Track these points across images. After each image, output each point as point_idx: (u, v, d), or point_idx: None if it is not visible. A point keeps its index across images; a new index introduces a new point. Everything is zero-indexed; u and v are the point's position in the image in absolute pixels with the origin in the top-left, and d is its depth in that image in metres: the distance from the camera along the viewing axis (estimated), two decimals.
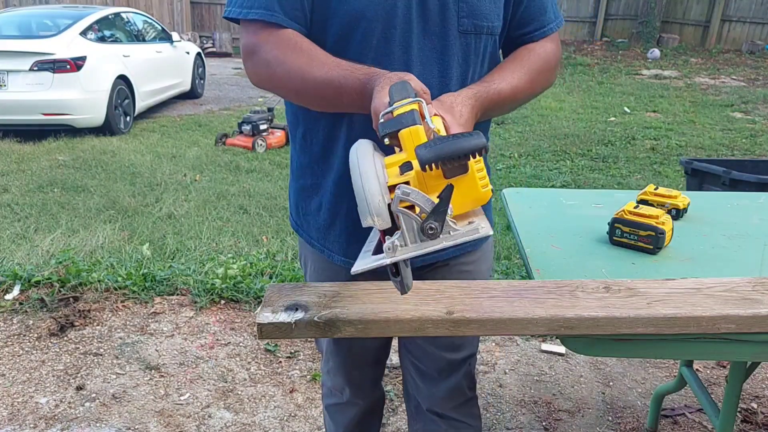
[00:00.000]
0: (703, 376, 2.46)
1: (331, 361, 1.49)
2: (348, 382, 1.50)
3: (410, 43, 1.11)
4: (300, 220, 1.35)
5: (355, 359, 1.47)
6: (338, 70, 1.03)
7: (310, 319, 1.01)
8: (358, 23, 1.09)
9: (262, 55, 1.09)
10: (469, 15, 1.12)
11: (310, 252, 1.36)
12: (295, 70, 1.05)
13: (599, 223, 1.58)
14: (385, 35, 1.10)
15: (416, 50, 1.12)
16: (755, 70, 11.81)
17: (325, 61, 1.05)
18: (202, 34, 14.41)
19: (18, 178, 4.88)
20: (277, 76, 1.09)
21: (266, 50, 1.08)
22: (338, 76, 1.02)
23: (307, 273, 1.41)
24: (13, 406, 2.20)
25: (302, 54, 1.06)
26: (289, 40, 1.08)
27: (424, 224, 0.81)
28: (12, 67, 5.92)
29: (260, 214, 4.20)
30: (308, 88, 1.06)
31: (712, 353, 1.34)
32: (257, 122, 6.03)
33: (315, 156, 1.24)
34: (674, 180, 5.09)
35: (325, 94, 1.05)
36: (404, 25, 1.10)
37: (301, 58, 1.06)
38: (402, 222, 0.81)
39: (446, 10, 1.11)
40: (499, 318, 1.02)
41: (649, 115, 7.97)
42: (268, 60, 1.08)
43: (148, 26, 8.16)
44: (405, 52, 1.11)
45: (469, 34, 1.14)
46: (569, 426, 2.18)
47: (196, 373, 2.42)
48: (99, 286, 2.94)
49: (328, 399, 1.59)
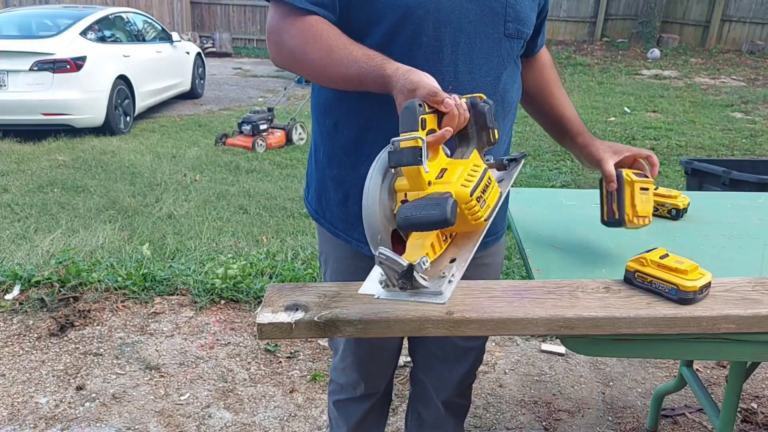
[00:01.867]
0: (703, 376, 2.46)
1: (349, 358, 1.49)
2: (365, 378, 1.51)
3: (459, 43, 1.13)
4: (322, 210, 1.34)
5: (374, 354, 1.47)
6: (356, 67, 1.04)
7: (310, 319, 1.01)
8: (409, 19, 1.10)
9: (285, 41, 1.11)
10: (515, 20, 1.17)
11: (331, 241, 1.34)
12: (315, 61, 1.08)
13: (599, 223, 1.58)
14: (435, 34, 1.11)
15: (465, 51, 1.14)
16: (755, 70, 11.81)
17: (344, 54, 1.06)
18: (202, 34, 14.41)
19: (18, 178, 4.88)
20: (298, 64, 1.14)
21: (289, 37, 1.11)
22: (357, 73, 1.04)
23: (328, 263, 1.40)
24: (13, 406, 2.20)
25: (322, 44, 1.07)
26: (311, 27, 1.09)
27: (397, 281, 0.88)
28: (12, 67, 5.92)
29: (260, 214, 4.20)
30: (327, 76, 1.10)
31: (712, 353, 1.34)
32: (257, 122, 6.02)
33: (345, 147, 1.23)
34: (674, 180, 5.08)
35: (344, 83, 1.10)
36: (455, 24, 1.12)
37: (321, 49, 1.07)
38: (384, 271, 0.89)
39: (495, 14, 1.15)
40: (499, 318, 1.02)
41: (649, 115, 7.97)
42: (291, 48, 1.11)
43: (148, 26, 8.16)
44: (454, 51, 1.13)
45: (513, 39, 1.19)
46: (569, 426, 2.18)
47: (196, 373, 2.42)
48: (99, 286, 2.94)
49: (339, 395, 1.59)
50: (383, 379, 1.56)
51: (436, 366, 1.50)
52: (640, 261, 1.11)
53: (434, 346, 1.47)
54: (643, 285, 1.10)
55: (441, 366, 1.49)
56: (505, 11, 1.15)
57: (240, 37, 14.89)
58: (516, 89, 1.28)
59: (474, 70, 1.15)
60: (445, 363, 1.49)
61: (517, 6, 1.17)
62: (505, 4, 1.15)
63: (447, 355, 1.47)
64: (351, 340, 1.47)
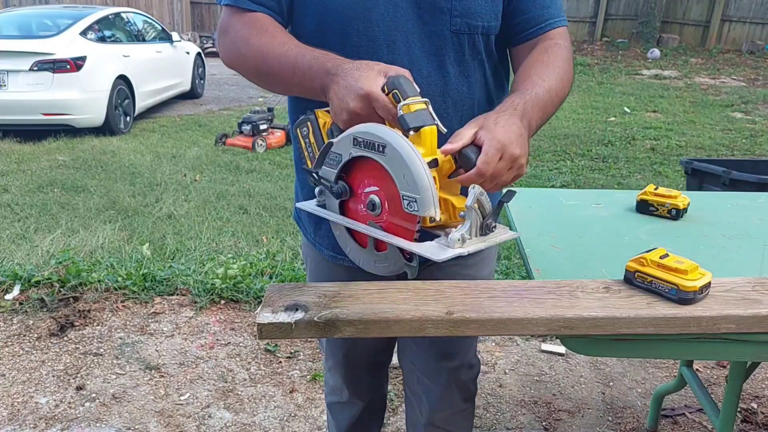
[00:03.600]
0: (703, 376, 2.46)
1: (330, 360, 1.50)
2: (346, 383, 1.51)
3: (395, 43, 1.09)
4: (299, 214, 1.36)
5: (351, 362, 1.47)
6: (296, 49, 1.04)
7: (310, 319, 1.01)
8: (334, 21, 1.09)
9: (231, 35, 1.13)
10: (463, 14, 1.09)
11: (306, 246, 1.37)
12: (256, 47, 1.08)
13: (599, 223, 1.58)
14: (368, 34, 1.08)
15: (403, 50, 1.09)
16: (755, 70, 11.81)
17: (285, 41, 1.07)
18: (202, 34, 14.41)
19: (18, 178, 4.88)
20: (242, 55, 1.11)
21: (234, 31, 1.12)
22: (295, 54, 1.03)
23: (306, 263, 1.42)
24: (13, 406, 2.20)
25: (266, 34, 1.08)
26: (257, 21, 1.11)
27: (487, 221, 0.89)
28: (12, 67, 5.92)
29: (260, 214, 4.20)
30: (267, 66, 1.07)
31: (712, 353, 1.34)
32: (257, 122, 6.03)
33: None
34: (674, 180, 5.08)
35: (281, 72, 1.06)
36: (389, 23, 1.08)
37: (264, 37, 1.08)
38: (471, 218, 0.88)
39: (438, 10, 1.09)
40: (499, 318, 1.01)
41: (649, 115, 7.97)
42: (234, 40, 1.12)
43: (148, 26, 8.16)
44: (390, 51, 1.09)
45: (462, 35, 1.11)
46: (569, 426, 2.18)
47: (196, 373, 2.42)
48: (99, 286, 2.94)
49: (330, 397, 1.59)
50: (367, 387, 1.54)
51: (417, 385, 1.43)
52: (640, 261, 1.11)
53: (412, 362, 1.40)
54: (643, 285, 1.10)
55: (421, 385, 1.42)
56: (450, 6, 1.08)
57: None
58: (475, 87, 1.17)
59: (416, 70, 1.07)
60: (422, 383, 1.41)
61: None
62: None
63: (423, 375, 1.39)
64: (329, 344, 1.46)
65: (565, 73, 1.14)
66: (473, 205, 0.86)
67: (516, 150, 0.92)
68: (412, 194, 0.87)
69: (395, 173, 0.88)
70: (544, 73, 1.10)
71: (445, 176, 0.92)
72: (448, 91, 1.13)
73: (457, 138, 0.92)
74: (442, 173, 0.92)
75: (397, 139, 0.88)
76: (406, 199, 0.88)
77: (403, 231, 0.91)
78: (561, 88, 1.12)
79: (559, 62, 1.14)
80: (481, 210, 0.88)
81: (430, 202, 0.86)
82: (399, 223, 0.92)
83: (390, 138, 0.88)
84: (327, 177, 0.99)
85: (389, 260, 0.96)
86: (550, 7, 1.18)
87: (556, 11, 1.19)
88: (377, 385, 1.58)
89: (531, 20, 1.16)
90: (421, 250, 0.89)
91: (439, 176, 0.91)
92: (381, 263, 0.98)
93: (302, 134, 1.05)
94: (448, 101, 1.13)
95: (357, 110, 0.93)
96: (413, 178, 0.86)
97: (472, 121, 0.95)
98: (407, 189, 0.87)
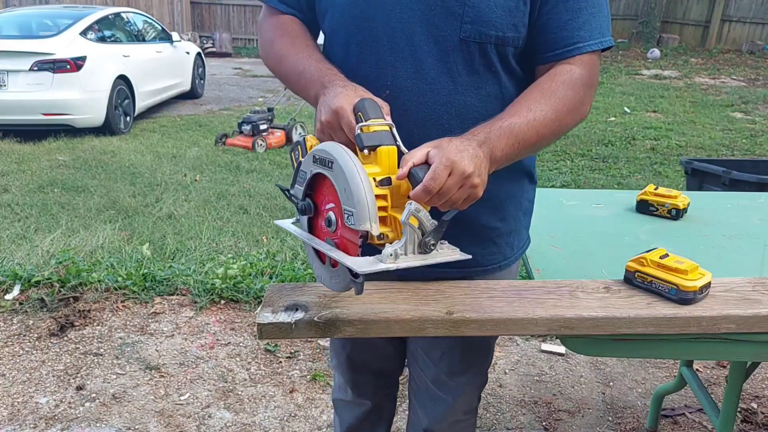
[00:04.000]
0: (703, 376, 2.46)
1: (335, 359, 1.50)
2: (349, 383, 1.51)
3: (398, 44, 1.06)
4: None
5: (354, 364, 1.46)
6: (307, 59, 1.11)
7: (310, 319, 1.01)
8: (342, 18, 1.11)
9: (263, 34, 1.23)
10: (474, 21, 1.02)
11: None
12: (277, 50, 1.17)
13: (599, 223, 1.58)
14: (372, 34, 1.07)
15: (407, 53, 1.06)
16: (755, 70, 11.81)
17: (302, 48, 1.14)
18: (202, 34, 14.41)
19: (18, 178, 4.88)
20: (268, 55, 1.21)
21: (265, 30, 1.22)
22: (304, 63, 1.11)
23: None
24: (13, 406, 2.20)
25: (287, 38, 1.17)
26: (283, 24, 1.19)
27: (425, 239, 0.89)
28: (12, 67, 5.92)
29: (260, 214, 4.20)
30: (283, 69, 1.16)
31: (712, 353, 1.34)
32: (257, 122, 6.03)
33: None
34: (674, 180, 5.08)
35: (292, 77, 1.13)
36: (394, 24, 1.05)
37: (285, 42, 1.16)
38: (406, 234, 0.89)
39: (450, 14, 1.03)
40: (499, 318, 1.02)
41: (649, 115, 7.97)
42: (264, 40, 1.22)
43: (148, 26, 8.16)
44: (393, 53, 1.06)
45: (473, 43, 1.04)
46: (569, 426, 2.18)
47: (196, 373, 2.42)
48: (99, 286, 2.94)
49: (336, 393, 1.59)
50: (371, 391, 1.53)
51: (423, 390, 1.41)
52: (640, 261, 1.12)
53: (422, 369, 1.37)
54: (643, 285, 1.10)
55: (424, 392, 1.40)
56: (462, 11, 1.02)
57: (240, 37, 14.90)
58: (488, 102, 1.09)
59: (420, 76, 1.06)
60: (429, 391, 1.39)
61: (480, 5, 1.01)
62: (463, 2, 1.02)
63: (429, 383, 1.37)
64: (335, 343, 1.46)
65: (566, 104, 1.04)
66: (407, 220, 0.87)
67: (468, 168, 0.89)
68: (350, 208, 0.89)
69: (338, 188, 0.92)
70: (535, 103, 1.03)
71: (404, 196, 0.93)
72: (453, 102, 1.07)
73: (407, 159, 0.92)
74: (399, 192, 0.93)
75: (343, 156, 0.91)
76: (346, 212, 0.90)
77: (351, 246, 0.93)
78: (554, 119, 1.03)
79: (561, 91, 1.04)
80: (420, 227, 0.89)
81: (365, 217, 0.88)
82: (348, 238, 0.94)
83: (337, 154, 0.91)
84: (297, 195, 1.03)
85: (340, 276, 0.98)
86: (582, 29, 1.06)
87: (589, 33, 1.07)
88: (384, 391, 1.56)
89: (555, 42, 1.07)
90: (349, 262, 0.90)
91: (396, 195, 0.93)
92: (335, 279, 1.00)
93: (294, 157, 1.08)
94: (452, 111, 1.08)
95: (326, 122, 0.99)
96: (351, 191, 0.88)
97: (427, 143, 0.94)
98: (347, 203, 0.90)
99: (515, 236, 1.25)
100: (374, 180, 0.92)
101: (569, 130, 1.11)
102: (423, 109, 1.07)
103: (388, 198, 0.93)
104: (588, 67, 1.08)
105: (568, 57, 1.07)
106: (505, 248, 1.23)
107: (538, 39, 1.07)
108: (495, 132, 0.98)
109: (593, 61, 1.09)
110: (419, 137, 1.01)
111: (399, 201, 0.93)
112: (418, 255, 0.90)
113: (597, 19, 1.07)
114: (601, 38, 1.08)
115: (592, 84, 1.10)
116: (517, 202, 1.23)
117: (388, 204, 0.92)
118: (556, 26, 1.06)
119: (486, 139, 0.96)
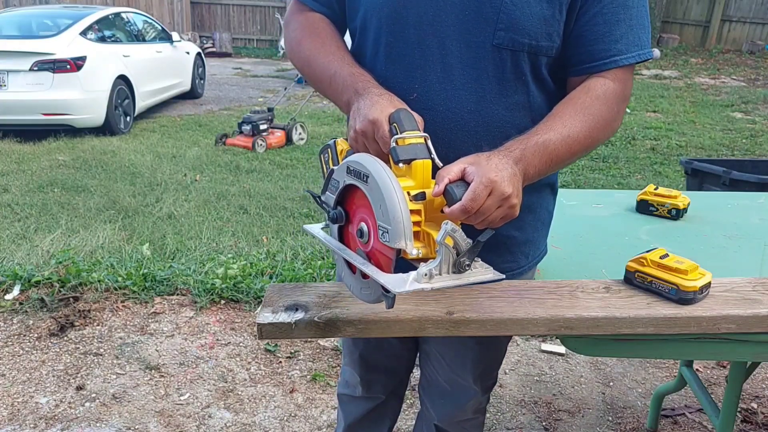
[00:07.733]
0: (703, 376, 2.46)
1: (347, 357, 1.51)
2: (362, 381, 1.51)
3: (429, 47, 1.04)
4: None
5: (367, 362, 1.47)
6: (338, 62, 1.08)
7: (310, 319, 1.01)
8: (374, 18, 1.09)
9: (290, 32, 1.21)
10: (508, 28, 1.00)
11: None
12: (306, 51, 1.14)
13: (599, 223, 1.58)
14: (403, 35, 1.05)
15: (437, 57, 1.04)
16: (755, 70, 11.81)
17: (333, 50, 1.11)
18: (202, 34, 14.41)
19: (18, 178, 4.88)
20: (294, 54, 1.18)
21: (293, 28, 1.20)
22: (336, 66, 1.08)
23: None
24: (13, 406, 2.20)
25: (317, 39, 1.14)
26: (312, 23, 1.17)
27: (460, 259, 0.87)
28: (12, 67, 5.91)
29: (260, 214, 4.20)
30: (311, 71, 1.14)
31: (712, 353, 1.34)
32: (257, 122, 6.03)
33: None
34: (674, 180, 5.09)
35: (321, 80, 1.12)
36: (426, 26, 1.03)
37: (314, 42, 1.14)
38: (441, 254, 0.86)
39: (483, 20, 1.01)
40: (499, 318, 1.02)
41: (649, 115, 7.97)
42: (291, 38, 1.20)
43: (148, 26, 8.15)
44: (423, 56, 1.05)
45: (505, 50, 1.02)
46: (569, 426, 2.18)
47: (196, 373, 2.42)
48: (99, 286, 2.94)
49: (343, 388, 1.59)
50: (382, 387, 1.53)
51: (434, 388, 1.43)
52: (640, 261, 1.12)
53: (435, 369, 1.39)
54: (643, 285, 1.10)
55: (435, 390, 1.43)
56: (497, 17, 0.99)
57: (240, 37, 14.89)
58: (517, 112, 1.07)
59: (448, 80, 1.04)
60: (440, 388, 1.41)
61: (516, 12, 0.99)
62: (498, 9, 0.99)
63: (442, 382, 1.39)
64: (348, 341, 1.47)
65: (599, 120, 1.03)
66: (443, 240, 0.86)
67: (507, 189, 0.89)
68: (385, 225, 0.88)
69: (374, 203, 0.90)
70: (570, 119, 1.01)
71: (437, 210, 0.91)
72: (480, 110, 1.05)
73: (443, 175, 0.90)
74: (433, 207, 0.92)
75: (378, 170, 0.89)
76: (381, 229, 0.89)
77: (385, 260, 0.92)
78: (588, 136, 1.02)
79: (596, 107, 1.03)
80: (456, 247, 0.87)
81: (401, 234, 0.86)
82: (382, 252, 0.92)
83: (372, 168, 0.90)
84: (328, 202, 1.02)
85: (371, 288, 0.97)
86: (619, 42, 1.04)
87: (626, 47, 1.04)
88: (393, 390, 1.56)
89: (590, 54, 1.04)
90: (383, 280, 0.89)
91: (430, 210, 0.92)
92: (365, 290, 0.99)
93: (323, 160, 1.08)
94: (479, 119, 1.06)
95: (360, 131, 0.97)
96: (387, 208, 0.87)
97: (463, 158, 0.93)
98: (382, 219, 0.88)
99: (531, 246, 1.23)
100: (408, 194, 0.90)
101: (600, 145, 1.10)
102: (449, 115, 1.06)
103: (422, 213, 0.91)
104: (622, 81, 1.06)
105: (603, 70, 1.05)
106: (519, 257, 1.22)
107: (572, 50, 1.05)
108: (530, 149, 0.97)
109: (627, 75, 1.07)
110: (445, 142, 1.02)
111: (432, 216, 0.92)
112: (453, 275, 0.88)
113: (635, 32, 1.05)
114: (639, 50, 1.06)
115: (626, 97, 1.08)
116: (537, 213, 1.21)
117: (422, 219, 0.90)
118: (592, 38, 1.04)
119: (522, 156, 0.95)
